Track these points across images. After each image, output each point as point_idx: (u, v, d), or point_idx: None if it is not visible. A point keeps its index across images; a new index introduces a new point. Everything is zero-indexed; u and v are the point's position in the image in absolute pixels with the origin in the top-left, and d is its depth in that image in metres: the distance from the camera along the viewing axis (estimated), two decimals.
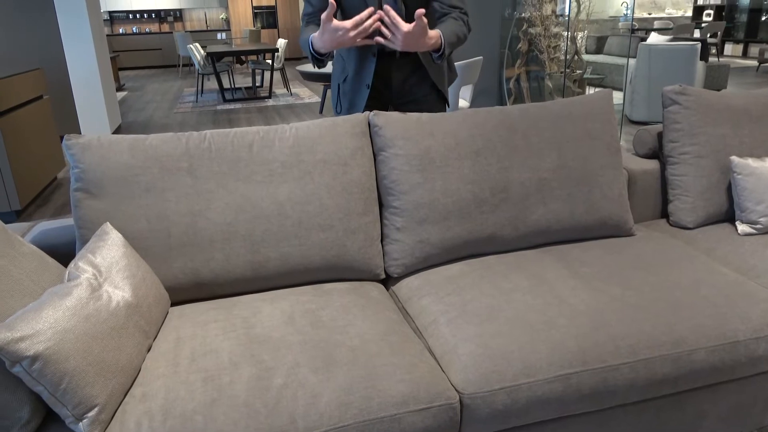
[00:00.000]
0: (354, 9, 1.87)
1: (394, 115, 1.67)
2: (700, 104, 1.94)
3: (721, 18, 12.56)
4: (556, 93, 5.31)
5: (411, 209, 1.63)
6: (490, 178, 1.67)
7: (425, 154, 1.64)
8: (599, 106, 1.84)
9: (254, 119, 6.97)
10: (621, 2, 14.93)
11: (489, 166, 1.67)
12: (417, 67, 1.97)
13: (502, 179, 1.68)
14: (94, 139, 1.49)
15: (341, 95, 2.07)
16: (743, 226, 1.86)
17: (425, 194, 1.62)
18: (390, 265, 1.66)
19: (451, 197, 1.64)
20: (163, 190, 1.48)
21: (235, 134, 1.58)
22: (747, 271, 1.69)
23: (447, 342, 1.34)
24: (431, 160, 1.64)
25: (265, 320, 1.40)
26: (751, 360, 1.39)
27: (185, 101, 8.59)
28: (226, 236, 1.51)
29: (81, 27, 5.59)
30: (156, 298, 1.38)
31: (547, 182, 1.72)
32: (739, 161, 1.86)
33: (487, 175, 1.67)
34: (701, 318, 1.40)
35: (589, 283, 1.52)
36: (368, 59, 1.94)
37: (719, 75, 7.32)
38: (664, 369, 1.32)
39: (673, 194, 1.98)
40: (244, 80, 10.89)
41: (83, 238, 1.46)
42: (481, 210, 1.66)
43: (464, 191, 1.64)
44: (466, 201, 1.65)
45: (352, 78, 2.00)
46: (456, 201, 1.64)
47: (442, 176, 1.63)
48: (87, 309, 1.12)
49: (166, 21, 14.83)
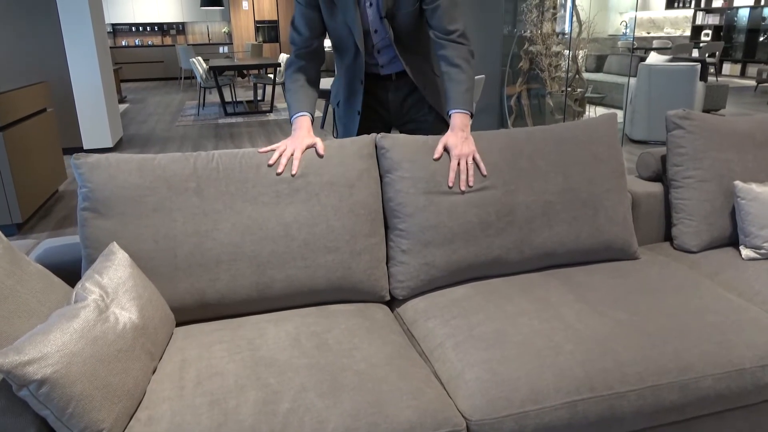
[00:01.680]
0: (341, 40, 1.87)
1: (400, 138, 1.67)
2: (704, 129, 1.96)
3: (719, 38, 12.67)
4: (557, 112, 5.35)
5: (416, 232, 1.63)
6: (495, 201, 1.67)
7: (431, 177, 1.64)
8: (604, 129, 1.85)
9: (256, 133, 7.00)
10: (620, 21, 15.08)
11: (495, 189, 1.68)
12: (413, 89, 1.96)
13: (508, 202, 1.69)
14: (103, 158, 1.49)
15: (337, 119, 2.07)
16: (747, 250, 1.87)
17: (431, 217, 1.63)
18: (395, 287, 1.66)
19: (457, 220, 1.64)
20: (170, 210, 1.48)
21: (243, 155, 1.58)
22: (752, 297, 1.69)
23: (454, 367, 1.34)
24: (437, 183, 1.64)
25: (271, 342, 1.40)
26: (757, 388, 1.39)
27: (187, 114, 8.62)
28: (233, 257, 1.51)
29: (85, 40, 5.63)
30: (162, 319, 1.37)
31: (553, 205, 1.73)
32: (743, 186, 1.87)
33: (493, 198, 1.67)
34: (708, 345, 1.40)
35: (594, 307, 1.52)
36: (356, 87, 1.94)
37: (718, 95, 7.38)
38: (671, 396, 1.32)
39: (677, 218, 1.99)
40: (246, 94, 10.94)
41: (90, 257, 1.45)
42: (487, 233, 1.66)
43: (470, 214, 1.65)
44: (472, 224, 1.65)
45: (343, 104, 2.01)
46: (462, 224, 1.64)
47: (448, 199, 1.64)
48: (94, 331, 1.12)
49: (168, 34, 14.93)
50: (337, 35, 1.86)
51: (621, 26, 15.20)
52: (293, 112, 1.76)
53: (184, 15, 14.77)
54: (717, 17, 12.72)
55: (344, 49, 1.89)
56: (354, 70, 1.92)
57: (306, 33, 1.81)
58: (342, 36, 1.85)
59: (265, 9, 14.84)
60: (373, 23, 1.83)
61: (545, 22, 5.29)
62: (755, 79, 10.50)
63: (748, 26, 11.97)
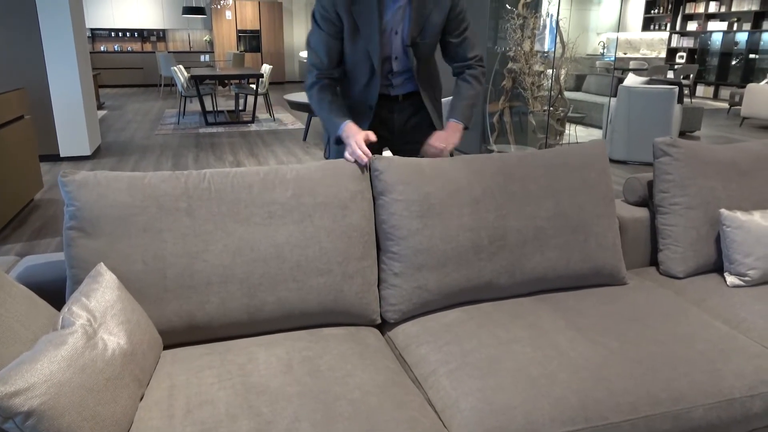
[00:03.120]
0: (357, 65, 1.88)
1: (395, 160, 1.67)
2: (690, 156, 1.99)
3: (694, 60, 13.00)
4: (539, 131, 5.41)
5: (409, 255, 1.62)
6: (488, 225, 1.68)
7: (425, 200, 1.64)
8: (594, 155, 1.87)
9: (237, 144, 6.94)
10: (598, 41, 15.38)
11: (487, 213, 1.68)
12: (418, 108, 1.99)
13: (500, 227, 1.69)
14: (91, 176, 1.45)
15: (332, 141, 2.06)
16: (732, 277, 1.90)
17: (424, 240, 1.62)
18: (387, 311, 1.64)
19: (450, 244, 1.63)
20: (160, 230, 1.45)
21: (235, 174, 1.56)
22: (737, 324, 1.71)
23: (448, 395, 1.33)
24: (431, 206, 1.64)
25: (262, 368, 1.37)
26: (746, 418, 1.40)
27: (167, 123, 8.52)
28: (223, 279, 1.48)
29: (65, 46, 5.54)
30: (150, 344, 1.34)
31: (544, 230, 1.73)
32: (728, 214, 1.90)
33: (486, 223, 1.67)
34: (698, 374, 1.41)
35: (586, 335, 1.52)
36: (364, 110, 1.96)
37: (694, 117, 7.55)
38: (664, 426, 1.32)
39: (663, 243, 2.01)
40: (227, 103, 10.86)
41: (75, 277, 1.41)
42: (479, 257, 1.66)
43: (463, 238, 1.64)
44: (465, 248, 1.65)
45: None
46: (455, 248, 1.64)
47: (442, 222, 1.63)
48: (83, 359, 1.08)
49: (148, 40, 14.77)
50: (354, 60, 1.89)
51: (599, 46, 15.50)
52: (337, 123, 1.78)
53: (165, 22, 14.65)
54: (692, 40, 13.05)
55: (358, 73, 1.91)
56: (365, 95, 1.94)
57: (326, 62, 1.83)
58: (358, 61, 1.88)
59: (248, 19, 14.80)
60: (396, 50, 1.89)
61: (525, 39, 5.36)
62: (728, 102, 10.78)
63: (721, 50, 12.31)
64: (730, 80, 12.16)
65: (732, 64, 12.13)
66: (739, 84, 11.87)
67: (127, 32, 14.54)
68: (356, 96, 1.96)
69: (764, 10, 11.33)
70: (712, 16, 12.55)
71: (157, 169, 5.68)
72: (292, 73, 15.89)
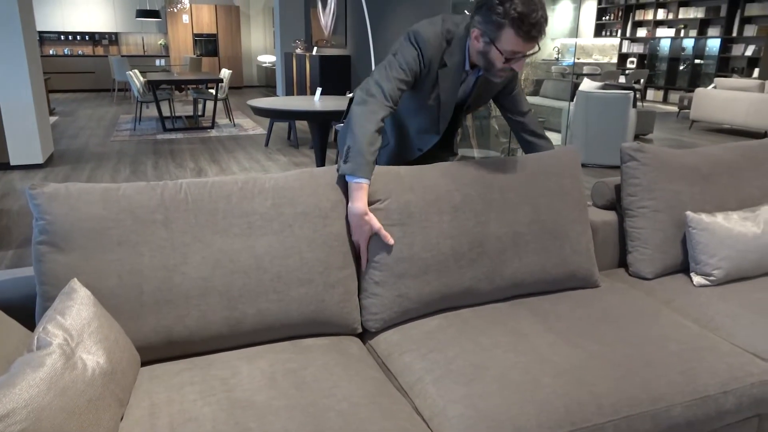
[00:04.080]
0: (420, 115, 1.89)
1: (375, 169, 1.66)
2: (657, 161, 2.06)
3: (644, 66, 13.46)
4: (501, 135, 5.49)
5: (391, 263, 1.61)
6: (468, 232, 1.69)
7: (405, 208, 1.64)
8: (567, 162, 1.91)
9: (198, 150, 6.80)
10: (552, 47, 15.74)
11: (467, 220, 1.69)
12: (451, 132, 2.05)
13: (480, 233, 1.70)
14: (62, 188, 1.40)
15: None
16: (698, 277, 1.97)
17: (405, 249, 1.62)
18: (368, 320, 1.64)
19: (431, 251, 1.64)
20: (136, 243, 1.41)
21: (212, 184, 1.52)
22: (706, 323, 1.77)
23: (435, 403, 1.33)
24: (411, 215, 1.64)
25: (246, 382, 1.34)
26: (719, 414, 1.45)
27: (122, 129, 8.29)
28: (202, 292, 1.45)
29: (15, 49, 5.32)
30: (129, 362, 1.29)
31: (522, 236, 1.76)
32: (693, 216, 1.97)
33: (465, 230, 1.69)
34: (674, 374, 1.45)
35: (565, 338, 1.55)
36: (412, 152, 2.00)
37: (647, 120, 7.81)
38: (644, 426, 1.36)
39: (632, 246, 2.07)
40: (184, 109, 10.64)
41: (46, 294, 1.35)
42: (459, 264, 1.67)
43: (443, 246, 1.65)
44: (445, 255, 1.66)
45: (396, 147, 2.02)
46: (435, 255, 1.64)
47: (422, 231, 1.64)
48: (63, 381, 1.03)
49: (100, 44, 14.35)
50: (421, 110, 1.88)
51: (553, 52, 15.89)
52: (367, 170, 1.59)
53: (117, 25, 14.26)
54: (641, 46, 13.51)
55: (416, 121, 1.93)
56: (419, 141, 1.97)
57: (391, 102, 1.67)
58: (423, 113, 1.88)
59: (204, 22, 14.55)
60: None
61: None
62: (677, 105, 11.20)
63: (670, 55, 12.78)
64: (679, 84, 12.63)
65: (680, 69, 12.61)
66: (686, 88, 12.35)
67: (77, 35, 14.09)
68: (406, 140, 1.98)
69: (709, 17, 11.82)
70: (660, 23, 13.02)
71: (114, 177, 5.52)
72: (250, 78, 15.71)
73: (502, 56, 1.61)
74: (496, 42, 1.59)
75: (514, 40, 1.56)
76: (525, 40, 1.56)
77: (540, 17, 1.54)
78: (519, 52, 1.60)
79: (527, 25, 1.53)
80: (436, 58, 1.73)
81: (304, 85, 10.32)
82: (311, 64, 9.76)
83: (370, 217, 1.58)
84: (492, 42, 1.60)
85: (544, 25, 1.56)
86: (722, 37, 11.54)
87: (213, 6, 14.50)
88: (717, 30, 11.72)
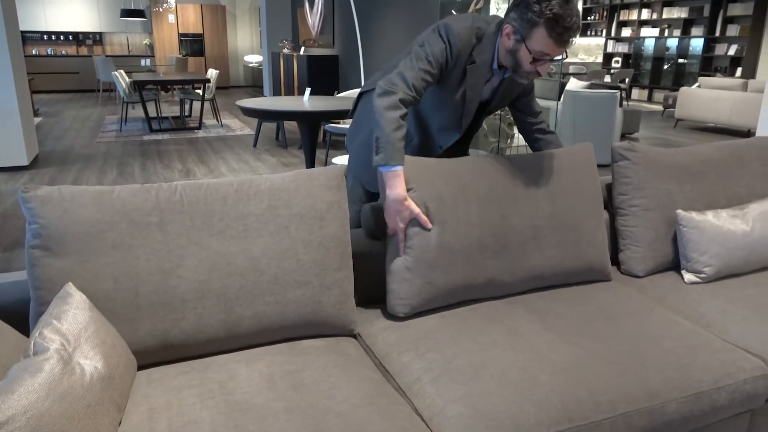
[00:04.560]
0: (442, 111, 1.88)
1: (407, 159, 1.68)
2: (647, 160, 2.08)
3: (629, 65, 13.58)
4: (490, 135, 5.52)
5: (422, 249, 1.64)
6: (492, 224, 1.74)
7: (437, 196, 1.67)
8: (582, 158, 1.95)
9: (185, 151, 6.76)
10: None
11: (492, 212, 1.74)
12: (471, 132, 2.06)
13: (503, 225, 1.76)
14: (55, 190, 1.38)
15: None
16: (689, 275, 1.99)
17: (436, 236, 1.66)
18: (396, 304, 1.67)
19: (460, 240, 1.69)
20: (131, 246, 1.40)
21: (207, 186, 1.52)
22: (698, 320, 1.80)
23: (435, 403, 1.33)
24: (442, 202, 1.67)
25: (244, 384, 1.34)
26: (714, 409, 1.47)
27: (108, 130, 8.21)
28: (199, 295, 1.44)
29: None
30: (126, 366, 1.28)
31: (541, 230, 1.81)
32: (684, 215, 2.00)
33: (491, 221, 1.74)
34: (669, 371, 1.47)
35: (563, 336, 1.56)
36: (433, 149, 1.99)
37: (633, 119, 7.88)
38: (641, 422, 1.37)
39: (623, 244, 2.09)
40: (171, 109, 10.56)
41: (40, 299, 1.34)
42: (484, 255, 1.73)
43: (471, 235, 1.70)
44: (472, 245, 1.71)
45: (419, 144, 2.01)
46: (464, 245, 1.69)
47: (453, 218, 1.69)
48: (62, 386, 1.02)
49: (84, 44, 14.20)
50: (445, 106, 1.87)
51: None
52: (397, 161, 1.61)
53: (101, 25, 14.12)
54: (626, 45, 13.63)
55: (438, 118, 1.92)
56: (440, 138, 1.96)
57: (414, 92, 1.67)
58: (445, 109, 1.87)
59: (190, 22, 14.46)
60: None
61: None
62: (662, 104, 11.32)
63: (654, 55, 12.91)
64: (663, 84, 12.77)
65: (664, 68, 12.74)
66: (671, 87, 12.48)
67: (61, 35, 13.93)
68: (426, 137, 1.97)
69: (692, 17, 11.96)
70: (644, 23, 13.15)
71: (101, 178, 5.46)
72: (237, 78, 15.63)
73: (531, 56, 1.61)
74: (527, 40, 1.60)
75: (545, 41, 1.57)
76: (556, 43, 1.57)
77: (574, 23, 1.55)
78: (548, 54, 1.60)
79: (561, 27, 1.54)
80: (464, 54, 1.72)
81: (291, 85, 10.29)
82: (299, 64, 9.73)
83: (409, 203, 1.61)
84: (523, 40, 1.61)
85: (576, 32, 1.57)
86: (705, 36, 11.68)
87: (199, 5, 14.41)
88: (700, 30, 11.86)
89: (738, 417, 1.59)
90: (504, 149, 5.57)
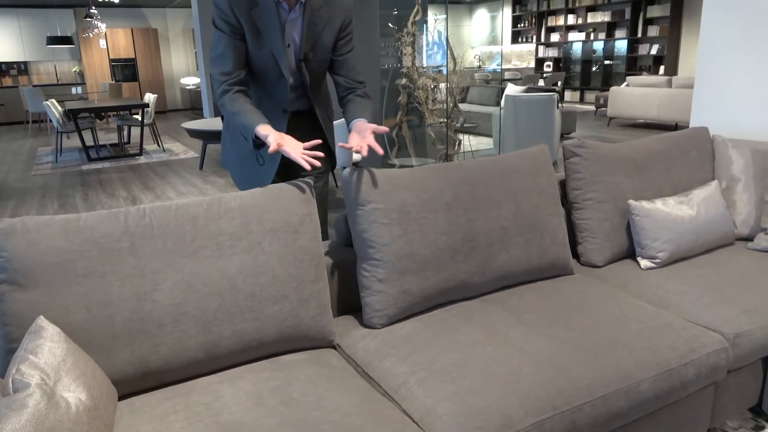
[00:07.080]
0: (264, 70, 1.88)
1: (366, 171, 1.70)
2: (597, 155, 2.18)
3: (560, 68, 14.13)
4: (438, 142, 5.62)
5: (393, 260, 1.66)
6: (460, 228, 1.77)
7: (402, 207, 1.69)
8: (540, 159, 2.02)
9: (128, 178, 6.56)
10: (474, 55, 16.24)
11: (459, 217, 1.78)
12: (312, 127, 2.03)
13: (471, 229, 1.79)
14: (18, 222, 1.33)
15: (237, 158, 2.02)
16: (645, 261, 2.09)
17: (405, 246, 1.68)
18: (372, 317, 1.67)
19: (429, 248, 1.71)
20: (103, 274, 1.36)
21: (177, 208, 1.49)
22: (658, 302, 1.89)
23: (424, 404, 1.35)
24: (408, 213, 1.70)
25: (231, 404, 1.32)
26: (683, 384, 1.56)
27: (42, 162, 7.87)
28: (176, 318, 1.41)
29: None
30: (108, 396, 1.24)
31: (508, 230, 1.86)
32: (635, 204, 2.10)
33: (458, 226, 1.77)
34: (639, 352, 1.54)
35: (537, 329, 1.62)
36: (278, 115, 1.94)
37: (569, 120, 8.20)
38: (619, 403, 1.43)
39: (581, 236, 2.18)
40: (108, 137, 10.23)
41: (9, 336, 1.28)
42: (455, 259, 1.76)
43: (440, 242, 1.73)
44: (442, 251, 1.73)
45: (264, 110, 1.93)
46: (433, 251, 1.72)
47: (420, 228, 1.71)
48: (48, 421, 0.99)
49: (8, 74, 13.58)
50: (260, 65, 1.87)
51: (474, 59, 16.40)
52: (255, 123, 1.68)
53: (26, 54, 13.55)
54: (556, 50, 14.18)
55: (265, 79, 1.90)
56: (276, 99, 1.93)
57: (233, 64, 1.78)
58: (264, 66, 1.86)
59: (121, 47, 14.08)
60: (290, 63, 1.90)
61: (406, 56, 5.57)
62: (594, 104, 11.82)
63: (582, 57, 13.49)
64: (593, 84, 13.34)
65: (593, 70, 13.32)
66: (600, 88, 13.05)
67: None
68: (267, 103, 1.93)
69: (615, 20, 12.58)
70: (571, 28, 13.73)
71: (42, 212, 5.23)
72: (174, 102, 15.30)
73: None
74: None
75: None
76: None
77: None
78: None
79: None
80: (243, 3, 1.76)
81: None
82: None
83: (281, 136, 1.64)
84: None
85: None
86: (629, 38, 12.29)
87: (129, 29, 14.06)
88: (623, 32, 12.48)
89: (704, 390, 1.68)
90: (452, 155, 5.68)
